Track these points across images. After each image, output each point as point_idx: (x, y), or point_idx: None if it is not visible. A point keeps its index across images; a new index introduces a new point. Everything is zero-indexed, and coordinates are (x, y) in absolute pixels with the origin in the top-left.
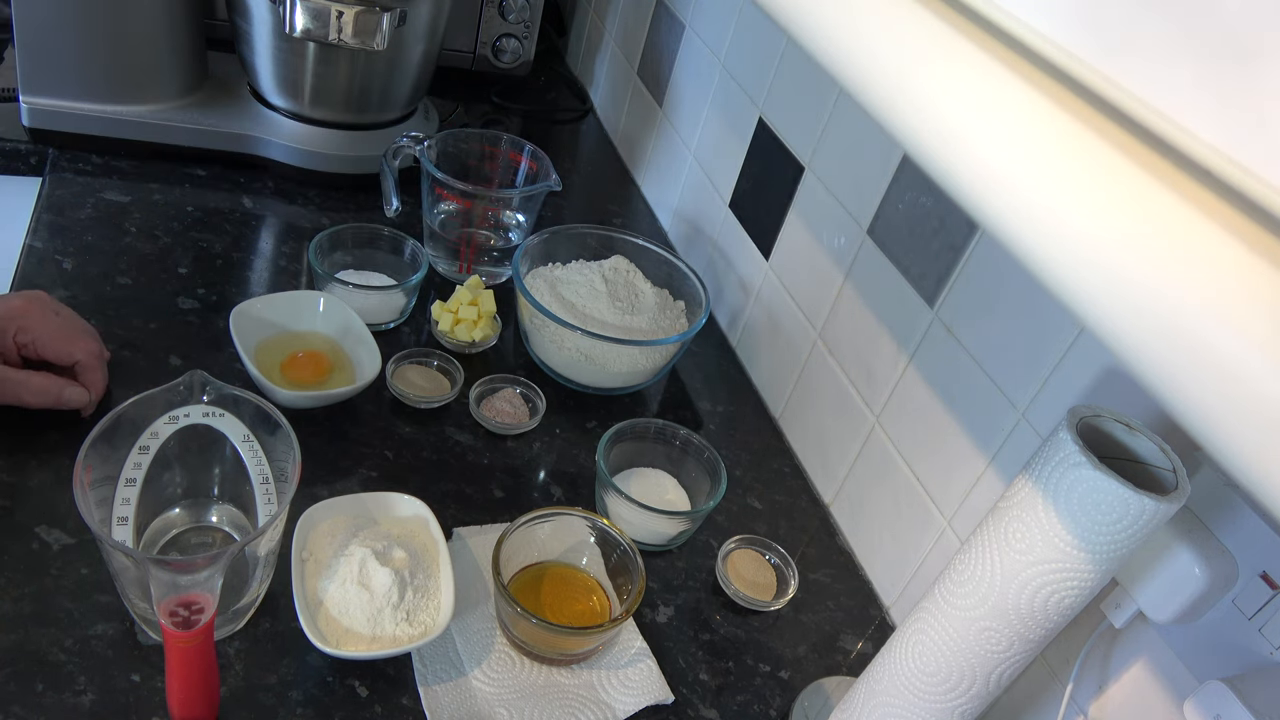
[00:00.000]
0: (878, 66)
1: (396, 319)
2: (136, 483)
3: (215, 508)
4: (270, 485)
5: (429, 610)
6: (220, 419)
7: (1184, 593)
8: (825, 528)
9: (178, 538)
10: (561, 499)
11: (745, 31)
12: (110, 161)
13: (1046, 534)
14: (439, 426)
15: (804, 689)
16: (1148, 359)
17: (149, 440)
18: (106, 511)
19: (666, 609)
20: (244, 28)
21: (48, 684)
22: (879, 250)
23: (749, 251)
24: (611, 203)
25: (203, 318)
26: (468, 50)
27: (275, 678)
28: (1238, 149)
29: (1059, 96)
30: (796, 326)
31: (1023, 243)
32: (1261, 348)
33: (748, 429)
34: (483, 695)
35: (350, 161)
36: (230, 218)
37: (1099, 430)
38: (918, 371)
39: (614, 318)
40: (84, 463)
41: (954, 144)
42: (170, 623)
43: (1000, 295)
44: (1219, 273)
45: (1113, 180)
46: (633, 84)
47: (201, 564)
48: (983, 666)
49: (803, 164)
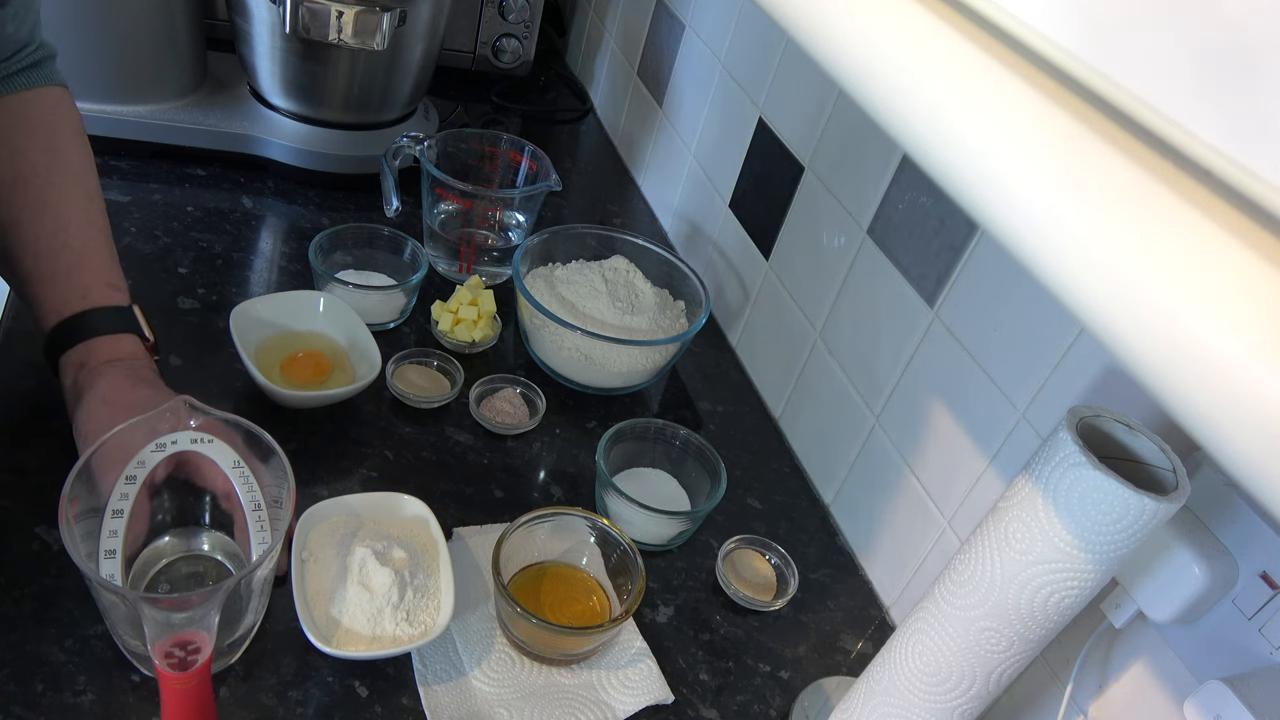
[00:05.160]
0: (877, 66)
1: (396, 319)
2: (124, 514)
3: (206, 535)
4: (263, 512)
5: (429, 610)
6: (209, 445)
7: (1184, 593)
8: (825, 528)
9: (168, 567)
10: (561, 499)
11: (745, 31)
12: (110, 161)
13: (1046, 534)
14: (439, 426)
15: (804, 689)
16: (1147, 359)
17: (135, 469)
18: (93, 545)
19: (666, 609)
20: (244, 28)
21: (48, 684)
22: (879, 250)
23: (749, 251)
24: (611, 203)
25: (203, 318)
26: (468, 50)
27: (275, 678)
28: (1238, 149)
29: (1059, 96)
30: (796, 326)
31: (1022, 243)
32: (1261, 347)
33: (748, 429)
34: (483, 695)
35: (350, 161)
36: (230, 218)
37: (1099, 430)
38: (918, 371)
39: (614, 318)
40: (69, 495)
41: (954, 144)
42: (166, 664)
43: (1000, 295)
44: (1219, 273)
45: (1112, 180)
46: (633, 84)
47: (196, 601)
48: (983, 666)
49: (803, 164)
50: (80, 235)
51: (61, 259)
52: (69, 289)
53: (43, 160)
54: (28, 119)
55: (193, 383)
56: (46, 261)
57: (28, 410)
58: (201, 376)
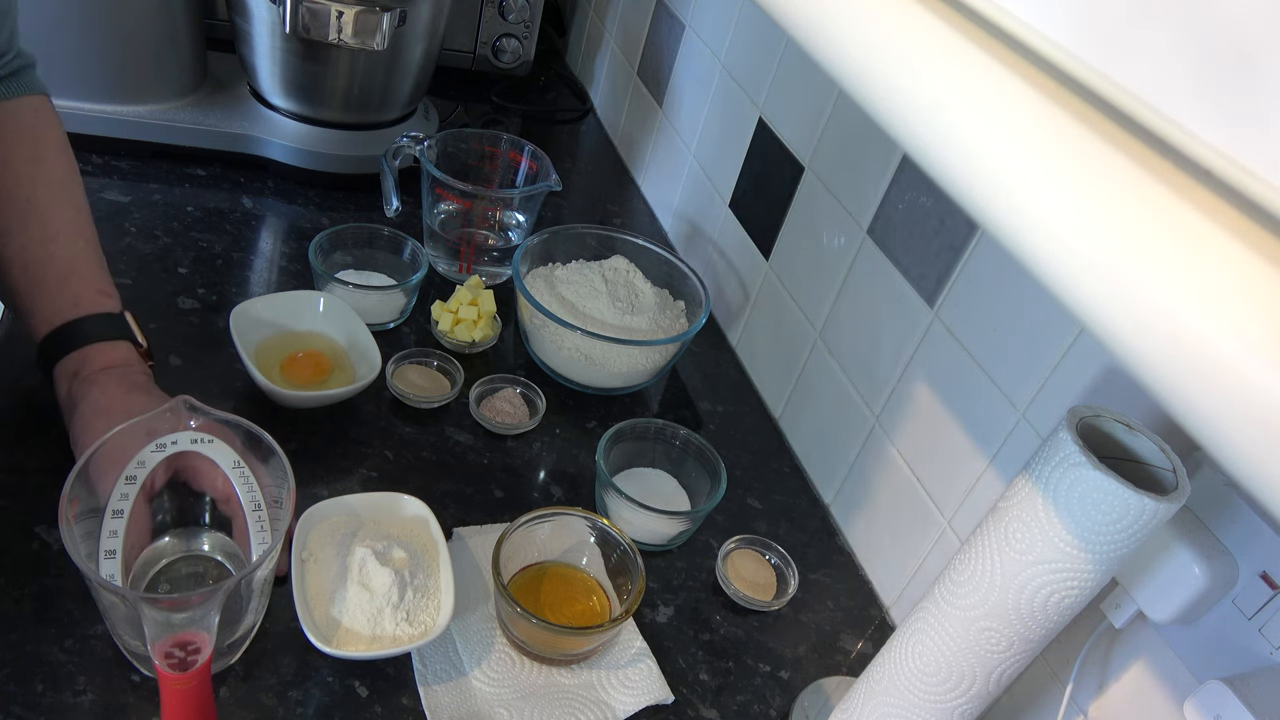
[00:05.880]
0: (877, 66)
1: (396, 319)
2: (124, 514)
3: (206, 536)
4: (263, 512)
5: (429, 610)
6: (209, 445)
7: (1184, 593)
8: (825, 528)
9: (168, 567)
10: (561, 499)
11: (745, 31)
12: (110, 161)
13: (1046, 534)
14: (439, 426)
15: (804, 689)
16: (1147, 359)
17: (135, 470)
18: (93, 545)
19: (666, 609)
20: (244, 28)
21: (48, 684)
22: (879, 250)
23: (749, 251)
24: (611, 203)
25: (203, 318)
26: (468, 50)
27: (275, 678)
28: (1238, 149)
29: (1059, 96)
30: (796, 326)
31: (1022, 242)
32: (1261, 347)
33: (748, 429)
34: (483, 695)
35: (350, 161)
36: (230, 218)
37: (1099, 430)
38: (918, 371)
39: (614, 318)
40: (69, 496)
41: (954, 144)
42: (166, 665)
43: (1000, 295)
44: (1219, 272)
45: (1112, 180)
46: (633, 84)
47: (196, 601)
48: (983, 666)
49: (803, 164)
50: (69, 245)
51: (50, 269)
52: (60, 297)
53: (27, 171)
54: (10, 129)
55: (193, 383)
56: (35, 270)
57: (28, 410)
58: (201, 376)
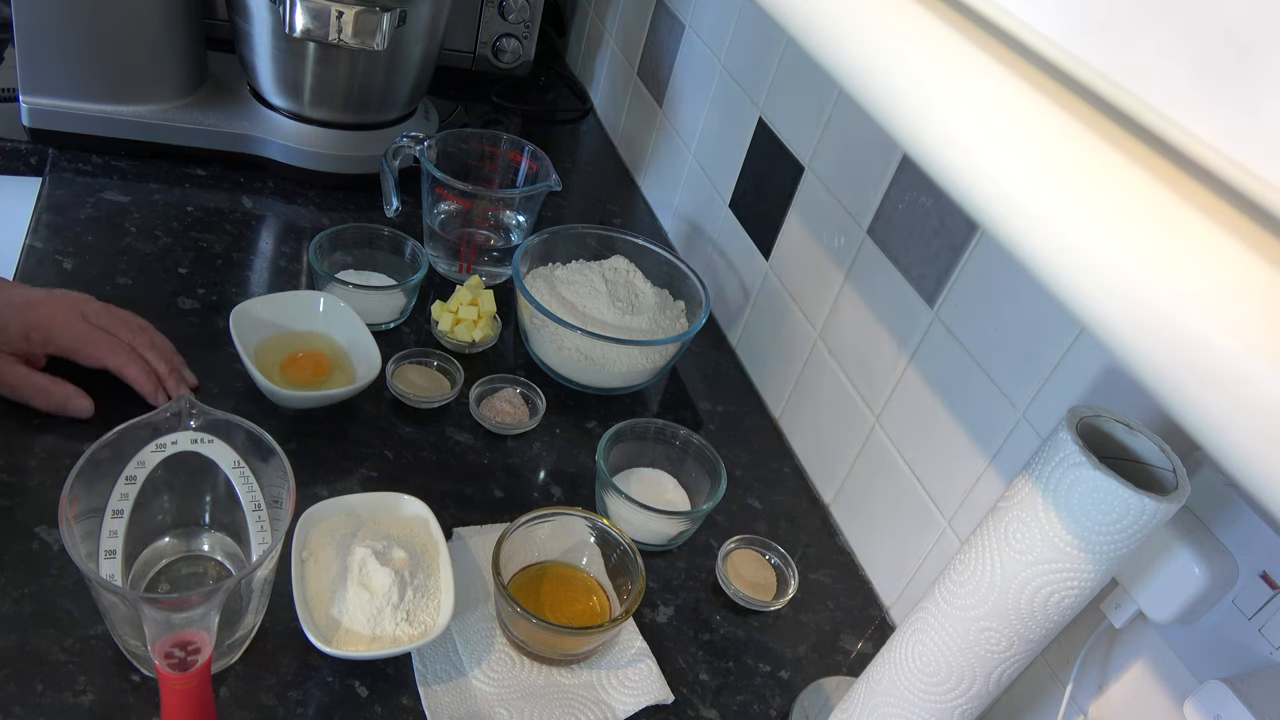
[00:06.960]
0: (877, 65)
1: (396, 319)
2: (124, 514)
3: (206, 536)
4: (263, 512)
5: (429, 610)
6: (210, 445)
7: (1184, 593)
8: (825, 528)
9: (168, 568)
10: (561, 499)
11: (745, 32)
12: (110, 161)
13: (1046, 534)
14: (439, 426)
15: (804, 689)
16: (1147, 359)
17: (135, 470)
18: (93, 545)
19: (666, 609)
20: (244, 28)
21: (48, 684)
22: (879, 250)
23: (749, 251)
24: (611, 203)
25: (203, 318)
26: (468, 50)
27: (275, 678)
28: (1238, 149)
29: (1059, 96)
30: (796, 326)
31: (1022, 243)
32: (1261, 347)
33: (748, 429)
34: (483, 695)
35: (350, 161)
36: (230, 218)
37: (1099, 430)
38: (918, 371)
39: (614, 318)
40: (69, 495)
41: (954, 144)
42: (166, 665)
43: (1000, 295)
44: (1219, 272)
45: (1112, 180)
46: (633, 84)
47: (196, 600)
48: (983, 666)
49: (803, 164)
50: None
51: None
52: None
53: None
54: None
55: None
56: None
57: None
58: (201, 376)
